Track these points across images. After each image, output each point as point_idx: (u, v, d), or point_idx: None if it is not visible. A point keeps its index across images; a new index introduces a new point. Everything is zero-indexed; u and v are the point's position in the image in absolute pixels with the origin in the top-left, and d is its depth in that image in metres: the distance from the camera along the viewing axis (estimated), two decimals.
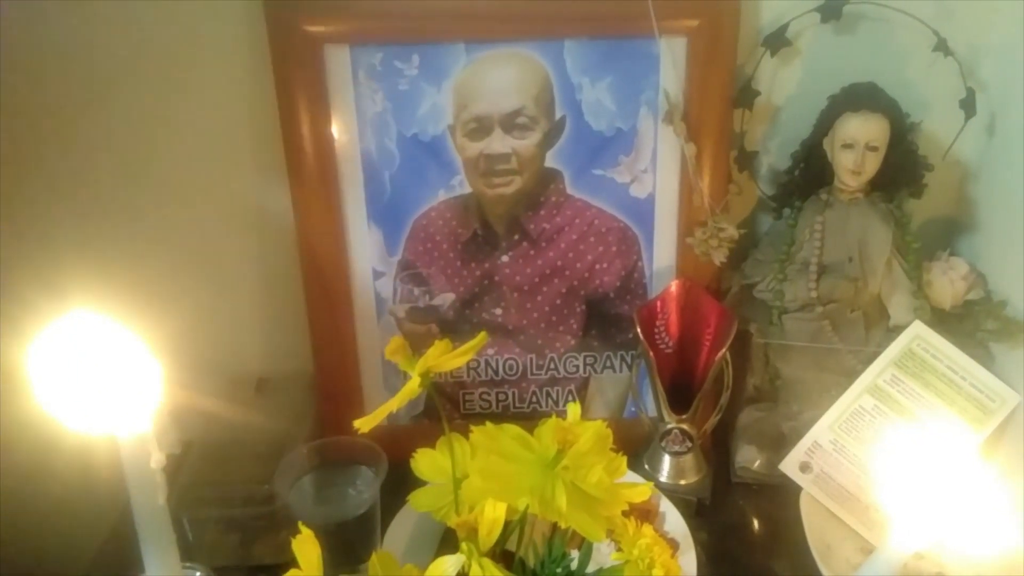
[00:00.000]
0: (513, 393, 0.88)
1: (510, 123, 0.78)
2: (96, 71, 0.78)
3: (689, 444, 0.81)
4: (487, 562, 0.46)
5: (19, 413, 0.46)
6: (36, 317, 0.44)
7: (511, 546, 0.53)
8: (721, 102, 0.78)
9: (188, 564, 0.57)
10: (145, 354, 0.44)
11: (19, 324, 0.46)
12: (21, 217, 0.81)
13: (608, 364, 0.88)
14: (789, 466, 0.78)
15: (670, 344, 0.82)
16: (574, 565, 0.55)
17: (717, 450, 0.86)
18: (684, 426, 0.80)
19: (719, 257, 0.79)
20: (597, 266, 0.83)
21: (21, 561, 0.91)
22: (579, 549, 0.56)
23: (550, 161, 0.80)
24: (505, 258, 0.83)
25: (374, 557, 0.49)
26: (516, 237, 0.82)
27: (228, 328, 0.89)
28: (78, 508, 0.89)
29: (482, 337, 0.56)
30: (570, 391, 0.88)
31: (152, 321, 0.47)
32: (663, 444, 0.81)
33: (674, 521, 0.74)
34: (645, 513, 0.74)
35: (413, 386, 0.54)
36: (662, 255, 0.83)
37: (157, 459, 0.46)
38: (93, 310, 0.44)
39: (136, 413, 0.44)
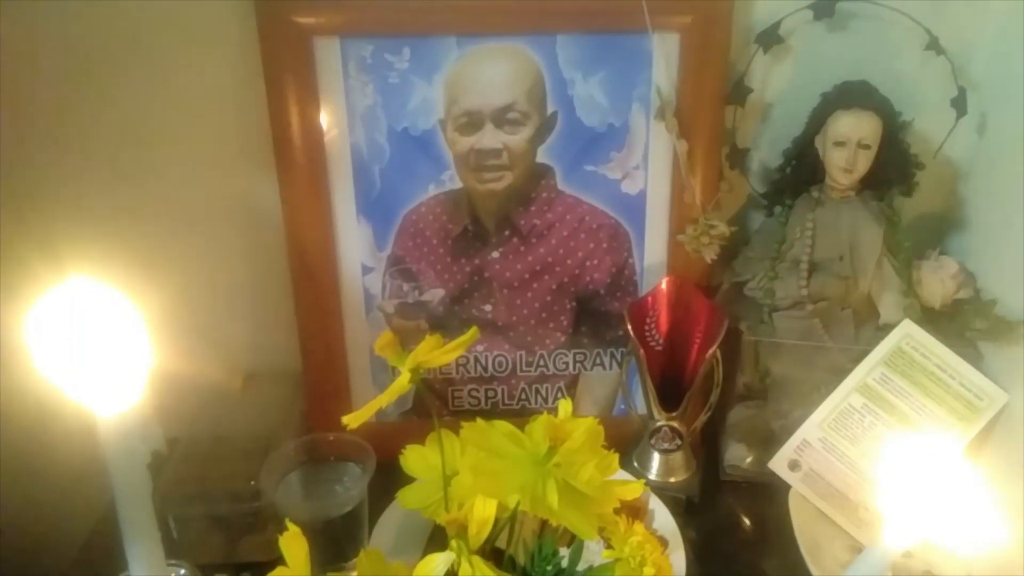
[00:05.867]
0: (502, 390, 0.87)
1: (501, 118, 0.77)
2: (89, 61, 0.77)
3: (679, 442, 0.80)
4: (477, 560, 0.46)
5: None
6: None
7: (501, 543, 0.52)
8: (713, 99, 0.78)
9: (173, 561, 0.56)
10: (140, 330, 0.43)
11: None
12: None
13: (598, 361, 0.87)
14: (778, 464, 0.78)
15: (660, 341, 0.82)
16: (564, 563, 0.55)
17: (706, 448, 0.86)
18: (674, 424, 0.80)
19: (710, 254, 0.79)
20: (588, 263, 0.83)
21: (4, 558, 0.90)
22: (569, 547, 0.56)
23: (541, 157, 0.79)
24: (495, 254, 0.82)
25: (362, 554, 0.49)
26: (506, 233, 0.82)
27: (215, 323, 0.88)
28: (63, 505, 0.88)
29: (473, 333, 0.56)
30: (560, 388, 0.88)
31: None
32: (652, 442, 0.81)
33: (663, 519, 0.74)
34: (634, 511, 0.74)
35: (403, 382, 0.54)
36: (653, 252, 0.83)
37: (142, 453, 0.45)
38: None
39: (123, 398, 0.43)
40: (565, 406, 0.54)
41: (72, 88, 0.78)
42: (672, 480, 0.81)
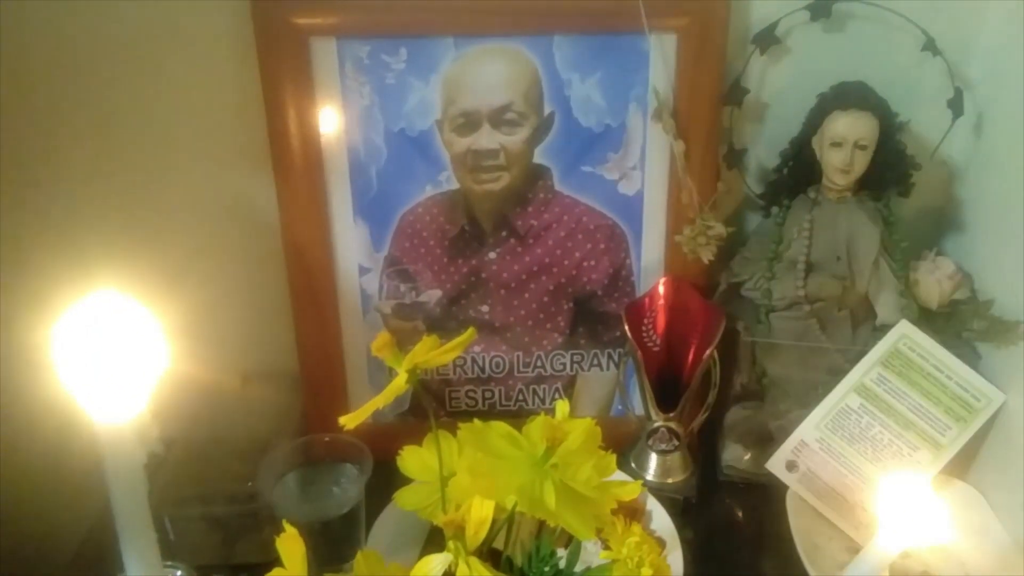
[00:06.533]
0: (499, 391, 0.87)
1: (498, 118, 0.77)
2: (85, 64, 0.77)
3: (676, 442, 0.80)
4: (474, 561, 0.46)
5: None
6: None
7: (498, 544, 0.52)
8: (710, 100, 0.78)
9: (169, 563, 0.56)
10: (154, 339, 0.43)
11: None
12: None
13: (595, 362, 0.87)
14: (776, 465, 0.78)
15: (657, 342, 0.82)
16: (562, 564, 0.55)
17: (704, 448, 0.86)
18: (671, 424, 0.80)
19: (707, 255, 0.79)
20: (585, 263, 0.83)
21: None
22: (567, 548, 0.56)
23: (538, 157, 0.79)
24: (492, 255, 0.82)
25: (359, 556, 0.49)
26: (504, 234, 0.82)
27: (211, 324, 0.88)
28: (59, 506, 0.88)
29: (470, 333, 0.56)
30: (557, 389, 0.88)
31: None
32: (650, 442, 0.81)
33: (661, 520, 0.74)
34: (632, 512, 0.74)
35: (400, 382, 0.54)
36: (650, 252, 0.83)
37: (139, 454, 0.45)
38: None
39: (127, 404, 0.43)
40: (563, 407, 0.54)
41: (66, 91, 0.78)
42: (670, 481, 0.81)
